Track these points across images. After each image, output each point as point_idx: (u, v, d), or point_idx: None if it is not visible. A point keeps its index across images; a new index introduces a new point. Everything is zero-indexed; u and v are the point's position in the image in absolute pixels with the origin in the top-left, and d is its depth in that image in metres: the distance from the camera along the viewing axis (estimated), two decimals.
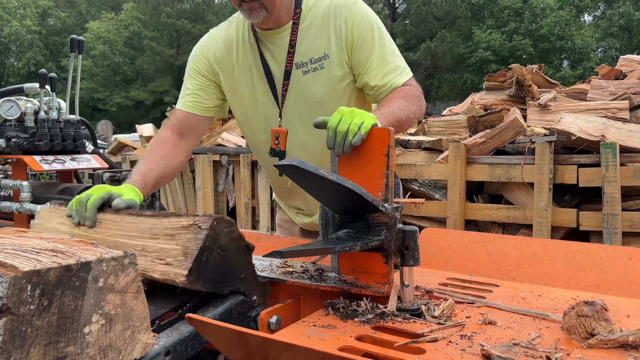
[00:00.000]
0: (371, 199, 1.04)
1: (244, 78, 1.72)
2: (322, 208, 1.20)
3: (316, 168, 0.97)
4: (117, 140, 7.62)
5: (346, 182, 1.00)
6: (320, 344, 0.92)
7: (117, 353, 0.81)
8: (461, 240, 1.50)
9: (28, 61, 29.14)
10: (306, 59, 1.64)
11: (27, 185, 1.80)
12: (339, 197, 1.06)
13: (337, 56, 1.64)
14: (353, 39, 1.62)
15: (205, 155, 5.85)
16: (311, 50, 1.64)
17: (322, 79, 1.66)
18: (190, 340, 0.96)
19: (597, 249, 1.33)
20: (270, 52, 1.67)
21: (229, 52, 1.72)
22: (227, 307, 1.08)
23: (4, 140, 1.87)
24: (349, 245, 1.03)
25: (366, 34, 1.62)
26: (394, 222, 1.09)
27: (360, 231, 1.11)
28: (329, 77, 1.65)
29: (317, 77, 1.65)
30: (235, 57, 1.71)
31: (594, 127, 3.77)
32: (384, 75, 1.62)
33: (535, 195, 3.83)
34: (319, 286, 1.14)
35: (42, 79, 1.95)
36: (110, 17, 30.16)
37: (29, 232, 1.11)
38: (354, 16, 1.62)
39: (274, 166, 1.08)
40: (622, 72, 5.00)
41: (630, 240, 3.56)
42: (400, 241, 1.09)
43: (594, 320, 0.90)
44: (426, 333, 0.95)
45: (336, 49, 1.63)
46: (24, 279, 0.71)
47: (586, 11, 30.00)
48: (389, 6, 30.72)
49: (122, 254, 0.84)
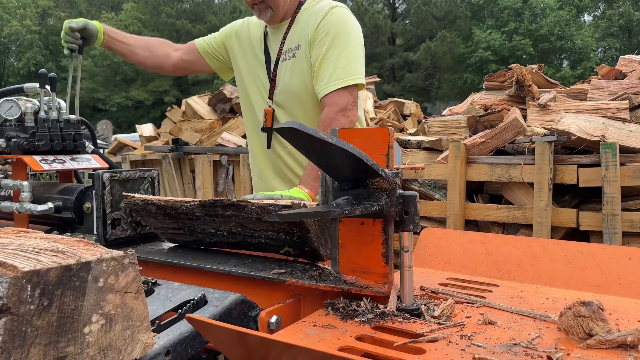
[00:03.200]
0: (371, 163, 1.03)
1: (250, 63, 2.01)
2: (321, 175, 1.20)
3: (316, 131, 0.94)
4: (117, 140, 7.63)
5: (346, 145, 0.98)
6: (320, 344, 0.92)
7: (117, 353, 0.82)
8: (461, 240, 1.50)
9: (28, 61, 29.15)
10: (286, 48, 1.90)
11: (27, 185, 1.80)
12: (339, 161, 1.05)
13: (304, 48, 1.85)
14: (317, 37, 1.81)
15: (205, 155, 5.86)
16: (292, 41, 1.89)
17: (296, 67, 1.87)
18: (191, 340, 0.96)
19: (597, 249, 1.33)
20: (271, 44, 1.95)
21: (247, 39, 2.03)
22: (227, 307, 1.08)
23: (4, 140, 1.87)
24: (349, 209, 1.03)
25: (327, 34, 1.77)
26: (394, 187, 1.09)
27: (360, 197, 1.10)
28: (299, 66, 1.85)
29: (293, 65, 1.87)
30: (249, 44, 2.02)
31: (594, 127, 3.77)
32: (319, 80, 1.79)
33: (535, 195, 3.83)
34: (319, 286, 1.15)
35: (42, 79, 1.95)
36: (110, 17, 30.16)
37: (29, 232, 1.11)
38: (326, 17, 1.80)
39: (274, 129, 1.18)
40: (622, 72, 5.01)
41: (630, 240, 3.57)
42: (400, 206, 1.09)
43: (591, 321, 0.90)
44: (426, 333, 0.95)
45: (305, 41, 1.84)
46: (24, 279, 0.71)
47: (586, 11, 30.02)
48: (389, 6, 30.72)
49: (122, 254, 0.84)
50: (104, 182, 1.53)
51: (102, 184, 1.53)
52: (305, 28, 1.84)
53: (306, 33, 1.83)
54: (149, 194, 1.64)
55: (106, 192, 1.53)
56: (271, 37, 1.96)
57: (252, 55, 2.02)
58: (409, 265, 1.09)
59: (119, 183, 1.56)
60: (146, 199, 1.43)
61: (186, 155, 6.14)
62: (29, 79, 27.02)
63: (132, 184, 1.62)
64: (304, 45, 1.84)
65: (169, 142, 6.40)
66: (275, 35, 1.94)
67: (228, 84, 7.01)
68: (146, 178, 1.65)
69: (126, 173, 1.59)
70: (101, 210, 1.53)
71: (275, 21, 1.90)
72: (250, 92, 2.02)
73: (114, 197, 1.55)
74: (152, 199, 1.42)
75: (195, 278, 1.35)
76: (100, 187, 1.53)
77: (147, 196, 1.46)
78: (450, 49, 26.42)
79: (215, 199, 1.26)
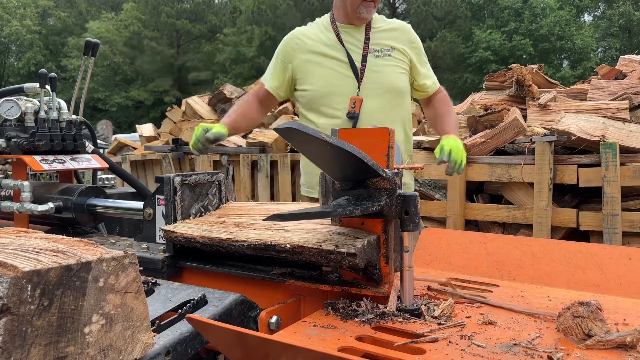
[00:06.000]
0: (371, 163, 1.03)
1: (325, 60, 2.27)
2: (321, 176, 1.20)
3: (316, 131, 0.94)
4: (117, 140, 7.63)
5: (347, 145, 0.98)
6: (320, 344, 0.92)
7: (118, 353, 0.82)
8: (461, 240, 1.50)
9: (28, 61, 29.13)
10: (378, 47, 2.27)
11: (28, 185, 1.80)
12: (339, 161, 1.05)
13: (400, 51, 2.29)
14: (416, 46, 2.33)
15: (205, 155, 5.85)
16: (380, 42, 2.28)
17: (390, 64, 2.28)
18: (191, 340, 0.96)
19: (597, 249, 1.33)
20: (349, 42, 2.26)
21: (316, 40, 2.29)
22: (227, 307, 1.08)
23: (4, 140, 1.87)
24: (349, 209, 1.03)
25: (420, 45, 2.36)
26: (394, 187, 1.09)
27: (360, 198, 1.10)
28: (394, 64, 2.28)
29: (388, 60, 2.27)
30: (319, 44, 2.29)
31: (594, 127, 3.77)
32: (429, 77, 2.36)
33: (535, 195, 3.83)
34: (319, 286, 1.15)
35: (42, 79, 1.95)
36: (110, 17, 30.16)
37: (29, 232, 1.11)
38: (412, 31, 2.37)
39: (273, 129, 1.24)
40: (622, 72, 5.00)
41: (630, 240, 3.56)
42: (401, 206, 1.09)
43: (590, 321, 0.90)
44: (426, 333, 0.95)
45: (401, 46, 2.28)
46: (25, 279, 0.71)
47: (586, 11, 30.00)
48: (389, 6, 30.70)
49: (123, 254, 0.84)
50: (175, 186, 1.41)
51: (172, 189, 1.41)
52: (399, 36, 2.30)
53: (402, 40, 2.29)
54: (216, 198, 1.54)
55: (177, 197, 1.41)
56: (347, 37, 2.27)
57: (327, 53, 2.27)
58: (409, 265, 1.09)
59: (189, 188, 1.45)
60: (188, 235, 1.29)
61: (186, 155, 6.14)
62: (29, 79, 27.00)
63: (201, 188, 1.50)
64: (400, 49, 2.27)
65: (169, 142, 6.40)
66: (352, 35, 2.27)
67: (228, 84, 7.01)
68: (214, 182, 1.54)
69: (196, 177, 1.47)
70: (172, 218, 1.41)
71: (368, 20, 2.27)
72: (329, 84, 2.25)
73: (184, 203, 1.44)
74: (195, 236, 1.28)
75: (195, 278, 1.35)
76: (171, 192, 1.41)
77: (190, 232, 1.31)
78: (450, 49, 26.39)
79: (267, 244, 1.15)
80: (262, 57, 25.41)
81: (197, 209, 1.48)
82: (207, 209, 1.51)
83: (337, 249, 1.06)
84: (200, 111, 6.68)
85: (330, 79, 2.26)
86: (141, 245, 1.49)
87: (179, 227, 1.36)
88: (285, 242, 1.12)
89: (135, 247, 1.50)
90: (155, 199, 1.49)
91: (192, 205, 1.46)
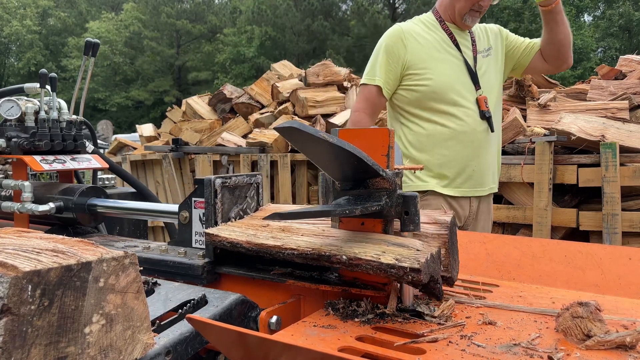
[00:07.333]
0: (371, 163, 1.03)
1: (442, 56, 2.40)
2: (321, 175, 1.20)
3: (316, 131, 0.93)
4: (117, 140, 7.63)
5: (347, 145, 0.98)
6: (320, 344, 0.92)
7: (118, 353, 0.82)
8: (461, 241, 1.50)
9: (28, 61, 29.16)
10: (482, 48, 2.48)
11: (28, 186, 1.80)
12: (339, 161, 1.05)
13: (495, 49, 2.53)
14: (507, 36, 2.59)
15: (205, 155, 5.85)
16: (482, 44, 2.50)
17: (491, 62, 2.51)
18: (191, 340, 0.96)
19: (597, 249, 1.34)
20: (460, 43, 2.43)
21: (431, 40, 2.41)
22: (227, 307, 1.08)
23: (4, 140, 1.87)
24: (349, 209, 1.02)
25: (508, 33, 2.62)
26: (394, 187, 1.08)
27: (360, 197, 1.10)
28: (495, 61, 2.53)
29: (489, 59, 2.49)
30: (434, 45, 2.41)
31: (594, 127, 3.77)
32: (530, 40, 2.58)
33: (535, 195, 3.83)
34: (319, 286, 1.15)
35: (42, 79, 1.95)
36: (110, 17, 30.18)
37: (29, 232, 1.11)
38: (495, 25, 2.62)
39: (274, 129, 1.23)
40: (622, 72, 5.00)
41: (630, 240, 3.57)
42: (401, 207, 1.09)
43: (589, 322, 0.90)
44: (426, 333, 0.95)
45: (495, 45, 2.53)
46: (25, 279, 0.71)
47: (586, 11, 29.98)
48: (389, 6, 30.70)
49: (123, 254, 0.84)
50: (216, 189, 1.35)
51: (213, 191, 1.35)
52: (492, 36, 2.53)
53: (494, 39, 2.53)
54: (254, 201, 1.49)
55: (218, 200, 1.36)
56: (458, 38, 2.43)
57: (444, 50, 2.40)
58: None
59: (228, 190, 1.40)
60: (233, 240, 1.23)
61: (186, 155, 6.14)
62: (29, 79, 27.01)
63: (240, 191, 1.45)
64: (495, 47, 2.51)
65: (169, 142, 6.40)
66: (461, 37, 2.44)
67: (228, 84, 7.00)
68: (252, 184, 1.48)
69: (235, 179, 1.41)
70: (213, 221, 1.35)
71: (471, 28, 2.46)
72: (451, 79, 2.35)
73: (224, 206, 1.38)
74: (241, 241, 1.21)
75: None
76: (212, 195, 1.36)
77: (235, 236, 1.24)
78: None
79: (321, 254, 1.06)
80: (262, 57, 25.42)
81: (236, 212, 1.42)
82: (245, 212, 1.44)
83: (399, 263, 0.96)
84: (200, 111, 6.68)
85: (451, 74, 2.36)
86: (178, 250, 1.41)
87: (223, 230, 1.28)
88: (340, 252, 1.04)
89: (171, 252, 1.42)
90: (191, 201, 1.43)
91: (232, 208, 1.41)
